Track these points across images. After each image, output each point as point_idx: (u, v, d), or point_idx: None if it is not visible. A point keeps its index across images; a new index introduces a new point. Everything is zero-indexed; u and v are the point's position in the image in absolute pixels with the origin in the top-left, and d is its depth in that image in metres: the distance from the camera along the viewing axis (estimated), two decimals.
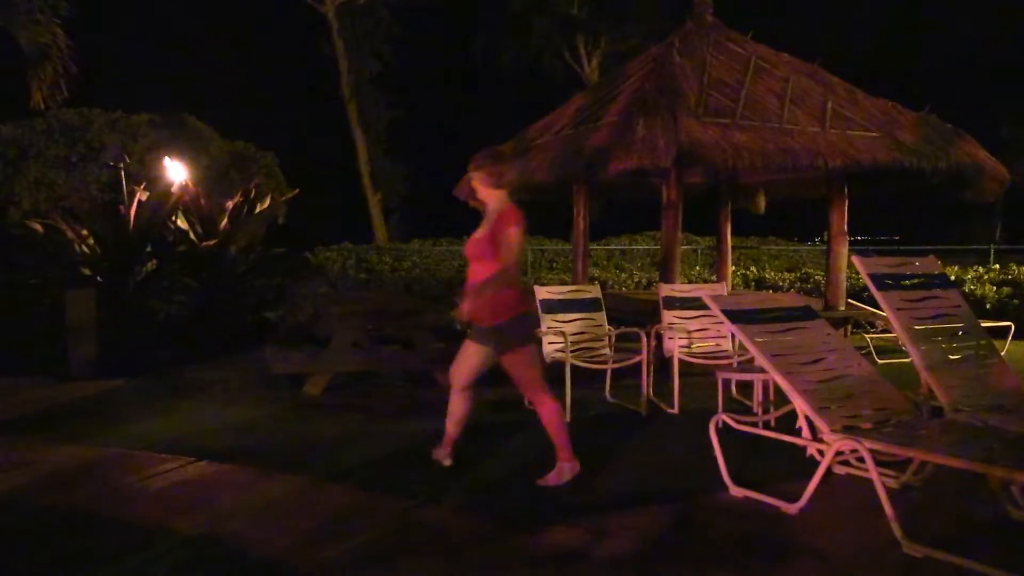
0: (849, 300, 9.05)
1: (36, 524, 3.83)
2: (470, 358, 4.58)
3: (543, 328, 6.50)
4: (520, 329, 4.39)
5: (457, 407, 4.65)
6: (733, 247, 10.82)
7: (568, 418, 5.81)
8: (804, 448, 4.36)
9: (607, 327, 6.80)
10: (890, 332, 8.92)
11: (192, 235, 10.06)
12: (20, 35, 9.28)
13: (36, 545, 3.56)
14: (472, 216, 9.91)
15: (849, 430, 3.73)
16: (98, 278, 8.85)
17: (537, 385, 4.43)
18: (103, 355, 7.74)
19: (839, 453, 3.83)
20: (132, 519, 3.82)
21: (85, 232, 9.10)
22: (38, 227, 9.43)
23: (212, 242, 9.84)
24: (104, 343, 7.82)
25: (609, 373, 6.64)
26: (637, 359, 6.19)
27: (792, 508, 3.80)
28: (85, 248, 9.09)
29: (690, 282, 11.75)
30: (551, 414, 4.42)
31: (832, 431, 3.68)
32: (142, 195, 9.39)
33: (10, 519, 3.90)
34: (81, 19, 9.86)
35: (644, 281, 13.59)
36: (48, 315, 7.66)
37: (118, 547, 3.49)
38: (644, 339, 6.21)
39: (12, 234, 10.59)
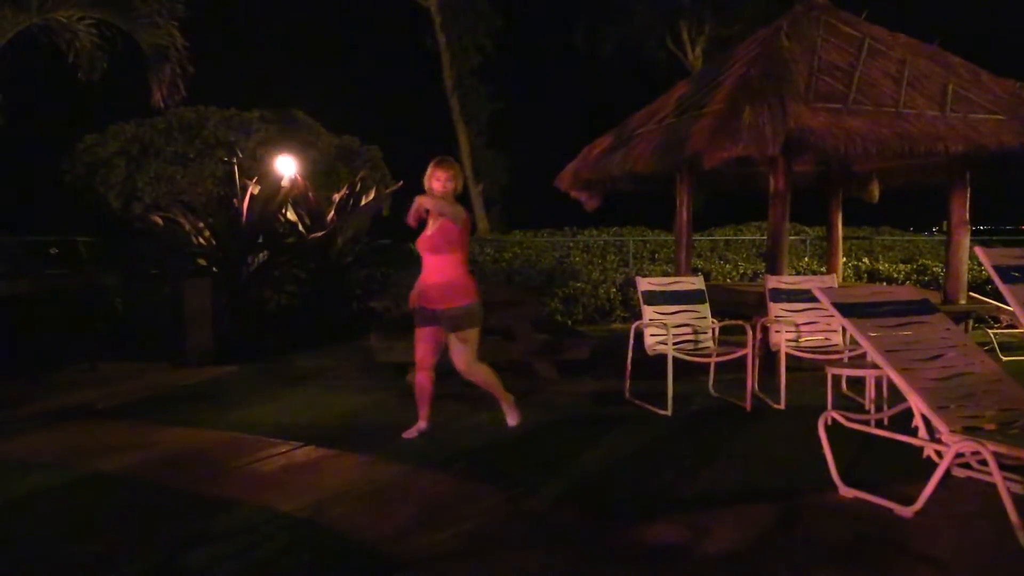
0: (970, 293, 8.59)
1: (149, 502, 4.01)
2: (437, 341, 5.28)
3: (645, 320, 6.41)
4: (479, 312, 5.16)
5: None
6: (844, 237, 10.38)
7: (669, 412, 5.74)
8: (920, 449, 4.15)
9: (711, 319, 6.65)
10: (1016, 328, 8.44)
11: (301, 227, 10.37)
12: (141, 37, 9.74)
13: (148, 522, 3.72)
14: (571, 207, 9.90)
15: (970, 431, 3.52)
16: (213, 269, 9.23)
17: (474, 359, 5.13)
18: (217, 342, 8.07)
19: (959, 455, 3.63)
20: (240, 500, 3.96)
21: (201, 225, 9.51)
22: (158, 220, 9.90)
23: (320, 234, 10.11)
24: (218, 331, 8.15)
25: (713, 366, 6.50)
26: (742, 352, 6.03)
27: (907, 511, 3.62)
28: (201, 240, 9.49)
29: (798, 274, 11.39)
30: (487, 377, 5.25)
31: (952, 432, 3.48)
32: (254, 189, 9.72)
33: (125, 497, 4.10)
34: (195, 19, 10.27)
35: (749, 272, 13.26)
36: (167, 304, 8.04)
37: (226, 527, 3.63)
38: (749, 332, 6.05)
39: (135, 227, 11.15)
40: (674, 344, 6.01)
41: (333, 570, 3.23)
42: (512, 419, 5.37)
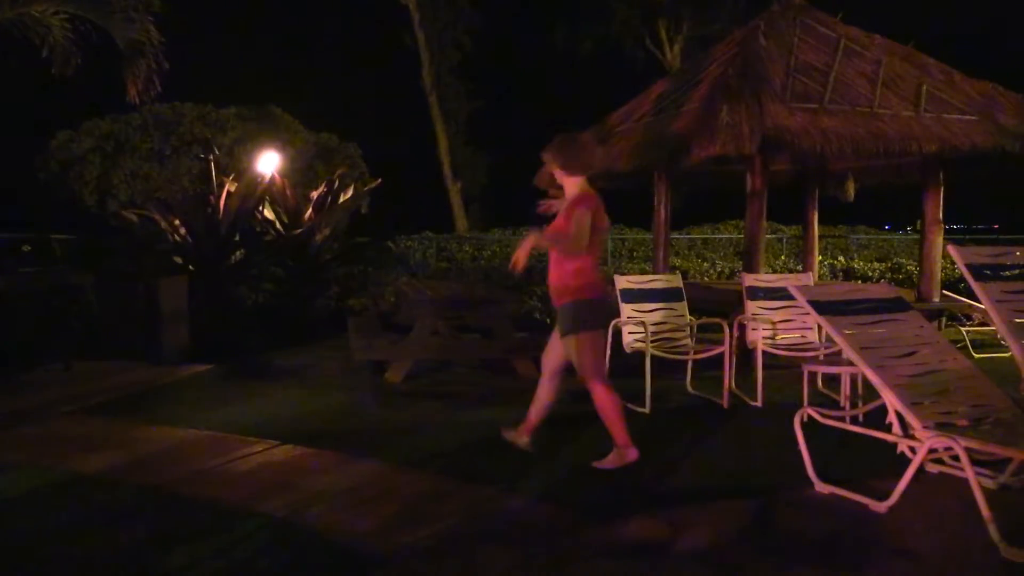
0: (944, 291, 8.69)
1: (126, 503, 3.97)
2: (555, 344, 4.66)
3: (623, 317, 6.43)
4: (575, 314, 4.42)
5: (540, 393, 4.74)
6: (820, 236, 10.48)
7: (647, 409, 5.76)
8: (894, 445, 4.20)
9: (688, 317, 6.68)
10: (988, 325, 8.54)
11: (278, 225, 10.32)
12: (115, 33, 9.60)
13: (125, 523, 3.70)
14: None
15: (943, 427, 3.57)
16: (189, 267, 9.15)
17: (590, 373, 4.44)
18: (194, 341, 8.00)
19: (932, 451, 3.67)
20: (218, 500, 3.93)
21: (177, 222, 9.42)
22: (133, 218, 9.81)
23: (297, 231, 10.07)
24: (195, 329, 8.08)
25: (690, 364, 6.53)
26: (719, 350, 6.07)
27: (881, 507, 3.66)
28: (177, 238, 9.41)
29: (775, 272, 11.47)
30: (602, 402, 4.44)
31: (925, 428, 3.53)
32: (231, 186, 9.65)
33: (102, 497, 4.06)
34: (171, 15, 10.16)
35: (727, 271, 13.35)
36: (142, 302, 7.95)
37: (204, 527, 3.60)
38: (726, 330, 6.09)
39: (110, 224, 11.04)
40: (652, 342, 6.03)
41: (311, 569, 3.21)
42: (609, 460, 4.44)
